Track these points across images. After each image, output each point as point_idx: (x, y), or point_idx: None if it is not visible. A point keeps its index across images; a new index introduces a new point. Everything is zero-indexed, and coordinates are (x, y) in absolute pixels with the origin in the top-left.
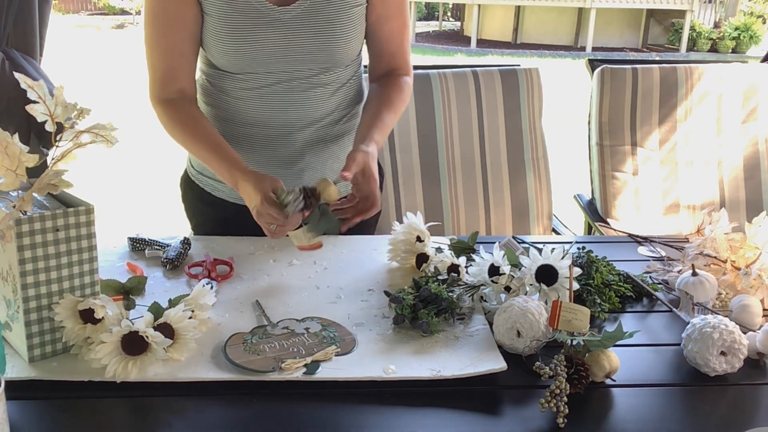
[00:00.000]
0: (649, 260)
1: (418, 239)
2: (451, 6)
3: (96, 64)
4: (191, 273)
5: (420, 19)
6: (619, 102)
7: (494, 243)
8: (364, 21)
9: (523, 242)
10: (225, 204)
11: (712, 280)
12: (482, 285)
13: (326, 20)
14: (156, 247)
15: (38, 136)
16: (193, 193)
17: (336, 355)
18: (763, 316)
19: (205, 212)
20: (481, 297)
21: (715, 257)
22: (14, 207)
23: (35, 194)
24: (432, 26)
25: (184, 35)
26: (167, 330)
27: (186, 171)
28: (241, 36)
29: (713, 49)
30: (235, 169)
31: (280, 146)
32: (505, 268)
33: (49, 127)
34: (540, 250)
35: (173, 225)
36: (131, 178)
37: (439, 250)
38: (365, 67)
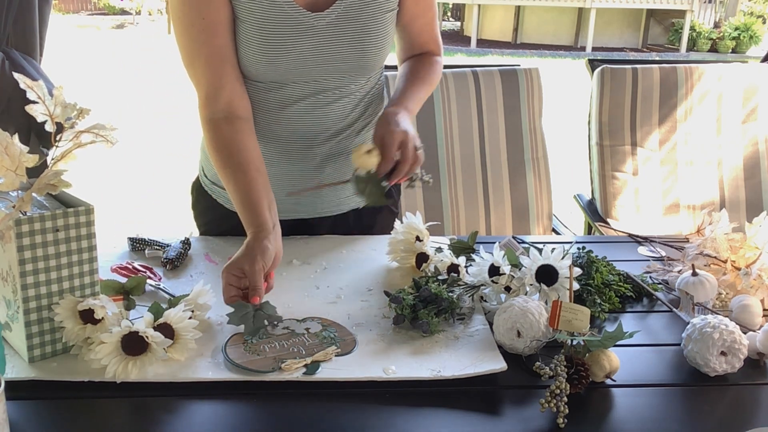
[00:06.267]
0: (649, 260)
1: (418, 239)
2: (451, 6)
3: (96, 64)
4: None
5: None
6: (619, 102)
7: (494, 243)
8: (394, 25)
9: (523, 242)
10: (236, 216)
11: (712, 280)
12: (482, 285)
13: (360, 25)
14: (156, 247)
15: (38, 136)
16: (205, 202)
17: (336, 356)
18: (763, 316)
19: (215, 222)
20: (481, 297)
21: (715, 257)
22: (14, 207)
23: (35, 194)
24: None
25: (225, 39)
26: (167, 330)
27: (198, 178)
28: (275, 43)
29: (713, 49)
30: (256, 228)
31: (300, 160)
32: (505, 268)
33: (49, 127)
34: (540, 250)
35: (174, 225)
36: (131, 178)
37: (438, 250)
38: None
